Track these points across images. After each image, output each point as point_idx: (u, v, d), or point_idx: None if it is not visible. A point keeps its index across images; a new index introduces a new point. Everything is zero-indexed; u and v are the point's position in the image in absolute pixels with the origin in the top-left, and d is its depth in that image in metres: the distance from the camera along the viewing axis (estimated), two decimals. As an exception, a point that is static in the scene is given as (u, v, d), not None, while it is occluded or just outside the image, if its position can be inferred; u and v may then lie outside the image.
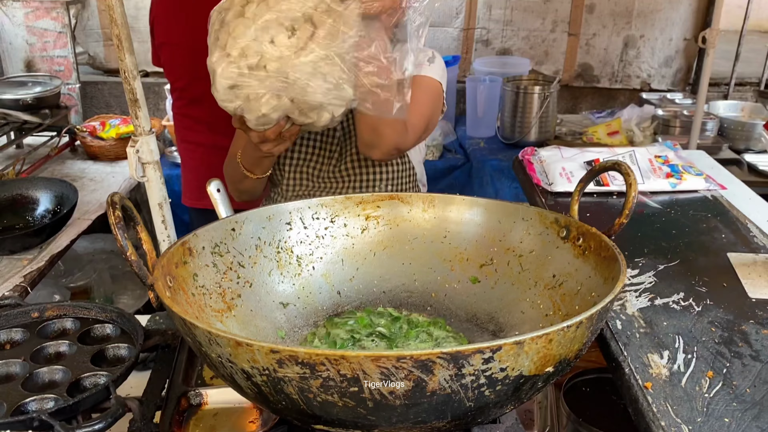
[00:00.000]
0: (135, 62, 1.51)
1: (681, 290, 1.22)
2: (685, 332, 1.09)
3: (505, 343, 0.80)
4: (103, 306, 1.32)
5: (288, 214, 1.36)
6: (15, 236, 2.49)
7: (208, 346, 0.88)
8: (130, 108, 1.52)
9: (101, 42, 4.42)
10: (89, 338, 1.27)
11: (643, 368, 1.01)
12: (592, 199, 1.61)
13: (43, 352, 1.22)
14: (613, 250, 1.08)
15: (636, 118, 3.79)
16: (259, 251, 1.31)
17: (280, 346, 0.80)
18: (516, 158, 1.81)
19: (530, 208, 1.31)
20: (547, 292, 1.23)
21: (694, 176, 1.61)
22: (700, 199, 1.59)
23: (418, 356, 0.78)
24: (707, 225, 1.46)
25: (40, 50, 3.94)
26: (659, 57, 4.43)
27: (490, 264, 1.35)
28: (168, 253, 1.10)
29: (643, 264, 1.32)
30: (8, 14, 3.87)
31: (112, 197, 0.97)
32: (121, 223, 0.95)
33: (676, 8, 4.29)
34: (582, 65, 4.45)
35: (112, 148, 3.49)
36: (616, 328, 1.11)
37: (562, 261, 1.22)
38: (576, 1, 4.26)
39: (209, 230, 1.24)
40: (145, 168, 1.58)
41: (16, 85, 3.51)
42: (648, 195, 1.58)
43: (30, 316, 1.31)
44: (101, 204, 3.04)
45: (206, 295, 1.17)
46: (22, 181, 2.79)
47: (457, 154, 3.72)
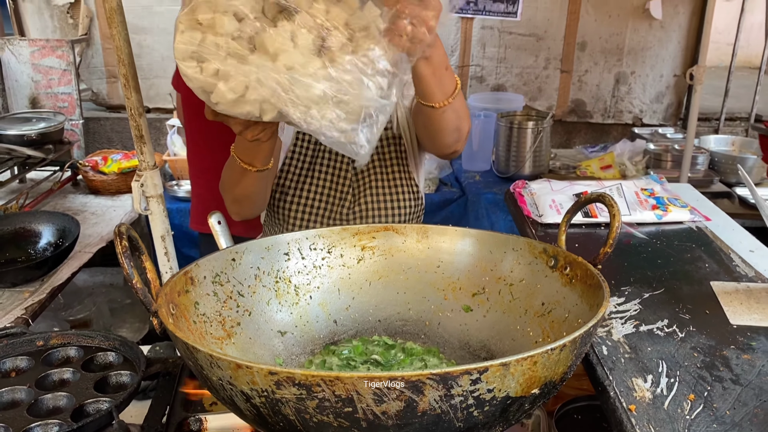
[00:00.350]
0: (141, 100, 1.58)
1: (665, 317, 1.26)
2: (668, 357, 1.13)
3: (492, 364, 0.85)
4: (106, 334, 1.36)
5: (286, 245, 1.40)
6: (17, 269, 2.53)
7: (210, 369, 0.92)
8: (136, 143, 1.58)
9: (104, 79, 4.53)
10: (92, 366, 1.31)
11: (627, 392, 1.05)
12: (581, 230, 1.66)
13: (48, 379, 1.26)
14: (598, 278, 1.12)
15: (628, 153, 3.87)
16: (258, 281, 1.35)
17: (278, 368, 0.84)
18: (507, 191, 1.86)
19: (520, 238, 1.36)
20: (536, 319, 1.27)
21: (679, 208, 1.67)
22: (685, 230, 1.65)
23: (409, 377, 0.82)
24: (691, 255, 1.51)
25: (44, 87, 4.03)
26: (650, 93, 4.53)
27: (482, 293, 1.39)
28: (171, 281, 1.15)
29: (629, 292, 1.36)
30: (15, 52, 3.97)
31: (119, 228, 1.02)
32: (128, 252, 1.00)
33: (665, 46, 4.41)
34: (575, 101, 4.55)
35: (114, 182, 3.55)
36: (602, 354, 1.15)
37: (551, 289, 1.26)
38: (568, 38, 4.38)
39: (210, 260, 1.28)
40: (149, 201, 1.63)
41: (20, 121, 3.58)
42: (635, 226, 1.64)
43: (35, 345, 1.35)
44: (102, 237, 3.09)
45: (207, 322, 1.21)
46: (25, 215, 2.84)
47: (453, 187, 3.78)
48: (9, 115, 3.75)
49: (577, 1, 4.28)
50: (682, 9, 4.30)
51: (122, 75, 1.49)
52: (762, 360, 1.12)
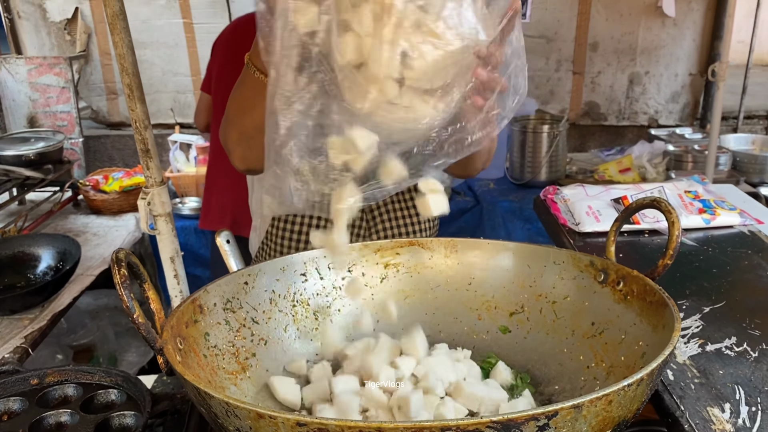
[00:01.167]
0: (146, 111, 1.45)
1: (732, 334, 1.13)
2: (745, 381, 1.00)
3: (562, 407, 0.71)
4: (108, 370, 1.23)
5: (303, 265, 1.28)
6: (16, 295, 2.42)
7: (226, 418, 0.79)
8: (142, 158, 1.46)
9: (104, 96, 4.43)
10: (93, 406, 1.18)
11: (704, 424, 0.91)
12: (623, 238, 1.53)
13: (43, 423, 1.13)
14: (661, 294, 0.99)
15: (647, 155, 3.74)
16: (274, 305, 1.23)
17: (307, 418, 0.71)
18: (537, 198, 1.74)
19: (561, 250, 1.23)
20: (586, 341, 1.14)
21: (728, 211, 1.54)
22: (737, 235, 1.51)
23: (465, 426, 0.69)
24: (749, 262, 1.38)
25: (42, 106, 3.93)
26: (665, 93, 4.41)
27: (521, 312, 1.26)
28: (178, 311, 1.02)
29: (686, 306, 1.23)
30: (11, 71, 3.87)
31: (117, 254, 0.89)
32: (127, 282, 0.87)
33: (679, 44, 4.29)
34: (588, 103, 4.43)
35: (115, 201, 3.45)
36: (668, 380, 1.02)
37: (602, 307, 1.13)
38: (579, 39, 4.27)
39: (221, 285, 1.16)
40: (157, 220, 1.51)
41: (18, 142, 3.48)
42: (683, 233, 1.51)
43: (29, 383, 1.22)
44: (105, 259, 2.97)
45: (219, 355, 1.09)
46: (23, 238, 2.73)
47: (467, 196, 3.66)
48: (6, 136, 3.65)
49: (588, 1, 4.17)
50: (696, 5, 4.18)
51: (126, 85, 1.37)
52: None
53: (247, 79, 1.26)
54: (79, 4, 4.18)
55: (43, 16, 4.22)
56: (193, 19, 4.19)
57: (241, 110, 1.31)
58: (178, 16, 4.19)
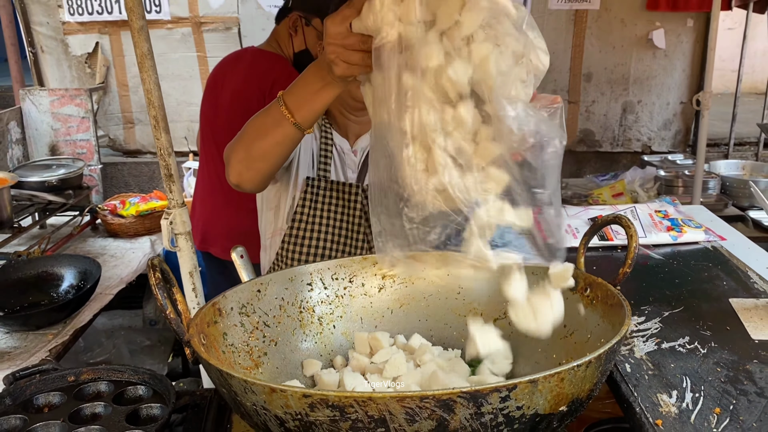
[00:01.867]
0: (170, 140, 1.63)
1: (686, 334, 1.28)
2: (692, 373, 1.15)
3: (521, 381, 0.87)
4: (136, 368, 1.38)
5: (309, 275, 1.43)
6: (41, 312, 2.57)
7: (244, 395, 0.94)
8: (165, 182, 1.63)
9: (121, 125, 4.64)
10: (123, 399, 1.33)
11: (653, 407, 1.06)
12: (598, 253, 1.68)
13: (81, 413, 1.28)
14: (619, 297, 1.14)
15: (639, 180, 3.90)
16: (283, 311, 1.38)
17: (312, 390, 0.86)
18: (523, 218, 1.89)
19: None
20: (559, 342, 1.28)
21: (694, 229, 1.69)
22: (701, 250, 1.67)
23: (440, 395, 0.84)
24: (709, 274, 1.53)
25: (64, 135, 4.13)
26: (658, 120, 4.58)
27: (503, 318, 1.40)
28: (200, 313, 1.18)
29: (648, 311, 1.38)
30: (35, 102, 4.09)
31: (152, 261, 1.06)
32: (161, 284, 1.04)
33: (670, 74, 4.47)
34: (583, 131, 4.60)
35: (132, 225, 3.61)
36: (625, 371, 1.16)
37: (572, 311, 1.27)
38: (574, 70, 4.46)
39: (237, 292, 1.31)
40: (177, 238, 1.67)
41: (41, 168, 3.67)
42: (651, 248, 1.66)
43: (66, 380, 1.37)
44: (122, 279, 3.13)
45: (235, 353, 1.24)
46: (47, 259, 2.90)
47: (466, 220, 3.80)
48: (30, 163, 3.85)
49: (581, 34, 4.37)
50: (684, 38, 4.38)
51: (152, 117, 1.55)
52: (786, 373, 1.13)
53: (272, 110, 1.39)
54: (100, 39, 4.41)
55: (65, 50, 4.45)
56: (206, 52, 4.41)
57: (255, 133, 1.44)
58: (192, 49, 4.41)
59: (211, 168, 2.81)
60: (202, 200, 2.90)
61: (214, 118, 2.76)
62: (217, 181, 2.79)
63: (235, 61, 2.77)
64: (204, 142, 2.85)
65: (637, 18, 4.33)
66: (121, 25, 4.37)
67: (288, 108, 1.36)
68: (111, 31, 4.40)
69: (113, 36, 4.40)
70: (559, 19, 4.36)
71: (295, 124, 1.36)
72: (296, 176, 1.75)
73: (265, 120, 1.42)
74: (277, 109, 1.37)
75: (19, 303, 2.67)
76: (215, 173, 2.79)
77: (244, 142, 1.46)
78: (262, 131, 1.43)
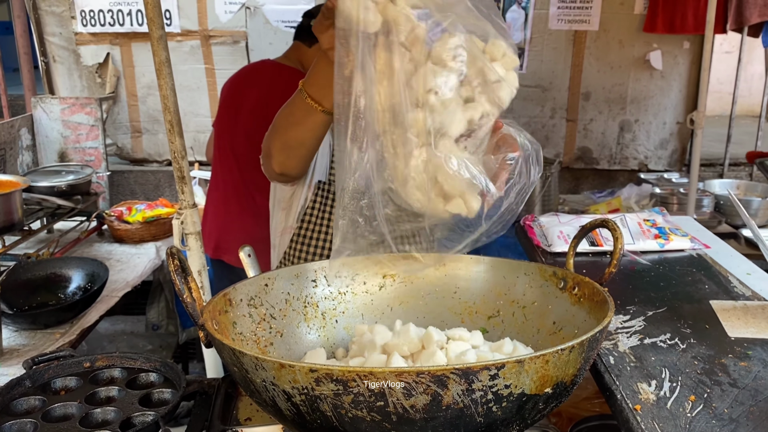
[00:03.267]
0: (184, 144, 1.72)
1: (668, 331, 1.36)
2: (671, 365, 1.22)
3: (508, 360, 0.95)
4: (148, 356, 1.46)
5: (314, 272, 1.51)
6: (49, 311, 2.65)
7: (254, 371, 1.02)
8: (178, 184, 1.71)
9: (129, 134, 4.74)
10: (136, 384, 1.41)
11: (633, 394, 1.14)
12: (588, 258, 1.77)
13: (96, 396, 1.36)
14: (604, 294, 1.22)
15: (635, 197, 3.99)
16: (289, 305, 1.46)
17: (318, 365, 0.94)
18: (518, 224, 1.98)
19: (531, 264, 1.47)
20: (548, 337, 1.36)
21: (681, 237, 1.78)
22: (686, 257, 1.75)
23: (434, 371, 0.92)
24: (692, 278, 1.61)
25: (73, 142, 4.23)
26: (654, 140, 4.68)
27: (497, 316, 1.48)
28: (213, 301, 1.26)
29: (633, 311, 1.46)
30: (46, 110, 4.19)
31: (171, 249, 1.14)
32: (179, 270, 1.12)
33: (667, 94, 4.58)
34: (581, 148, 4.70)
35: (138, 231, 3.68)
36: (609, 363, 1.24)
37: (561, 309, 1.35)
38: (572, 89, 4.57)
39: (246, 285, 1.39)
40: (187, 238, 1.76)
41: (51, 174, 3.76)
42: (638, 254, 1.74)
43: (82, 366, 1.45)
44: (128, 282, 3.21)
45: (243, 341, 1.32)
46: (56, 261, 2.98)
47: (465, 232, 3.89)
48: (40, 168, 3.94)
49: (580, 54, 4.48)
50: (681, 60, 4.49)
51: (167, 121, 1.64)
52: (758, 366, 1.21)
53: (297, 101, 1.48)
54: (111, 49, 4.53)
55: (76, 60, 4.57)
56: (214, 65, 4.52)
57: (287, 124, 1.53)
58: (201, 62, 4.52)
59: (227, 178, 2.91)
60: (216, 209, 3.00)
61: (233, 130, 2.87)
62: (233, 191, 2.89)
63: (253, 73, 2.88)
64: (221, 153, 2.95)
65: (634, 39, 4.45)
66: (132, 37, 4.48)
67: (313, 99, 1.44)
68: (122, 43, 4.52)
69: (124, 47, 4.52)
70: (558, 39, 4.47)
71: (323, 111, 1.44)
72: (311, 179, 1.84)
73: (294, 111, 1.50)
74: (302, 101, 1.45)
75: (28, 303, 2.74)
76: (231, 183, 2.89)
77: (278, 134, 1.56)
78: (294, 121, 1.51)
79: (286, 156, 1.58)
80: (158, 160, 4.81)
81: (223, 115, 2.93)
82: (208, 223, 3.02)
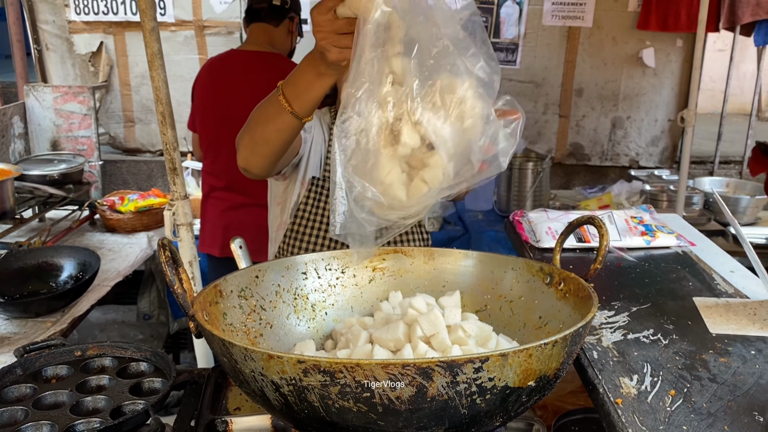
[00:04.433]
0: (176, 136, 1.73)
1: (651, 327, 1.38)
2: (653, 360, 1.25)
3: (492, 354, 0.97)
4: (139, 345, 1.48)
5: (304, 265, 1.53)
6: (41, 300, 2.65)
7: (243, 362, 1.04)
8: (169, 176, 1.72)
9: (122, 123, 4.73)
10: (126, 373, 1.42)
11: (614, 388, 1.16)
12: (575, 254, 1.79)
13: (87, 384, 1.37)
14: (588, 290, 1.24)
15: (625, 193, 4.02)
16: (279, 297, 1.47)
17: (306, 356, 0.96)
18: (507, 220, 2.00)
19: (519, 259, 1.49)
20: (534, 331, 1.38)
21: (667, 234, 1.80)
22: (672, 254, 1.78)
23: (420, 363, 0.94)
24: (677, 275, 1.64)
25: (65, 131, 4.22)
26: (646, 137, 4.71)
27: (484, 310, 1.50)
28: (203, 292, 1.28)
29: (618, 306, 1.48)
30: (38, 98, 4.18)
31: (162, 241, 1.16)
32: (170, 262, 1.13)
33: (659, 92, 4.61)
34: (573, 144, 4.73)
35: (130, 221, 3.68)
36: (592, 357, 1.27)
37: (547, 304, 1.38)
38: (565, 85, 4.59)
39: (236, 276, 1.41)
40: (179, 229, 1.77)
41: (43, 163, 3.76)
42: (625, 251, 1.77)
43: (73, 355, 1.47)
44: (119, 272, 3.22)
45: (233, 332, 1.33)
46: (47, 249, 2.98)
47: (456, 225, 3.92)
48: (32, 157, 3.93)
49: (574, 50, 4.50)
50: (674, 57, 4.51)
51: (159, 113, 1.65)
52: (737, 362, 1.24)
53: (272, 98, 1.48)
54: (104, 38, 4.51)
55: (69, 48, 4.55)
56: (208, 54, 4.51)
57: (258, 120, 1.53)
58: (195, 52, 4.52)
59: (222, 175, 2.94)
60: (215, 208, 3.01)
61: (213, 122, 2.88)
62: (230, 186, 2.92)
63: (219, 65, 2.90)
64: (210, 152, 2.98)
65: (628, 36, 4.47)
66: (125, 26, 4.47)
67: (286, 98, 1.43)
68: (116, 32, 4.50)
69: (117, 36, 4.50)
70: (552, 36, 4.49)
71: (292, 113, 1.44)
72: (304, 175, 1.86)
73: (267, 108, 1.50)
74: (277, 100, 1.45)
75: (20, 291, 2.75)
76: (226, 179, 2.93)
77: (249, 128, 1.56)
78: (264, 119, 1.51)
79: (250, 151, 1.58)
80: (151, 150, 4.81)
81: (200, 116, 2.95)
82: (209, 224, 3.04)
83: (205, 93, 2.93)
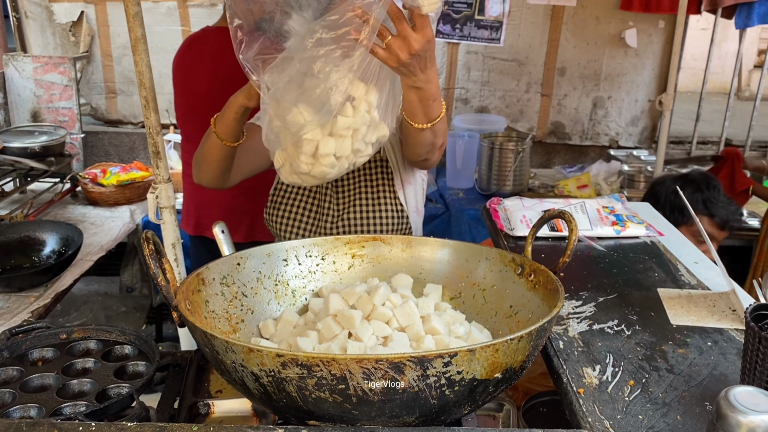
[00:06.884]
0: (159, 120, 1.75)
1: (616, 318, 1.45)
2: (615, 351, 1.32)
3: (460, 349, 1.02)
4: (123, 329, 1.52)
5: (285, 252, 1.57)
6: (24, 275, 2.68)
7: (225, 353, 1.09)
8: (152, 159, 1.75)
9: (103, 95, 4.69)
10: (111, 357, 1.47)
11: (578, 378, 1.23)
12: (547, 242, 1.85)
13: (73, 367, 1.41)
14: (556, 283, 1.30)
15: (604, 173, 4.09)
16: (260, 283, 1.52)
17: (284, 350, 1.01)
18: (484, 207, 2.05)
19: (492, 249, 1.54)
20: (505, 320, 1.45)
21: (636, 224, 1.87)
22: (641, 244, 1.84)
23: (392, 359, 1.00)
24: (643, 265, 1.70)
25: (46, 102, 4.18)
26: (626, 117, 4.77)
27: (459, 297, 1.56)
28: (186, 281, 1.32)
29: (585, 296, 1.55)
30: (18, 68, 4.13)
31: (146, 234, 1.19)
32: (154, 255, 1.17)
33: (640, 72, 4.65)
34: (554, 123, 4.77)
35: (112, 194, 3.69)
36: (558, 348, 1.33)
37: (518, 294, 1.43)
38: (548, 64, 4.61)
39: (218, 264, 1.45)
40: (162, 212, 1.80)
41: (23, 134, 3.73)
42: (595, 240, 1.83)
43: (59, 338, 1.51)
44: (102, 246, 3.24)
45: (216, 318, 1.38)
46: (29, 224, 2.99)
47: (438, 203, 3.98)
48: (12, 129, 3.90)
49: (557, 29, 4.52)
50: (655, 38, 4.55)
51: (143, 97, 1.67)
52: (694, 354, 1.31)
53: (211, 137, 1.71)
54: (85, 8, 4.45)
55: (49, 17, 4.48)
56: (191, 26, 4.47)
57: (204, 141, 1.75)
58: (177, 23, 4.47)
59: None
60: (192, 187, 3.01)
61: (193, 104, 2.87)
62: None
63: (198, 44, 2.87)
64: (186, 130, 2.97)
65: (611, 17, 4.49)
66: (106, -4, 4.41)
67: (219, 136, 1.68)
68: (96, 1, 4.43)
69: (99, 6, 4.44)
70: (536, 14, 4.50)
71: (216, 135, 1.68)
72: None
73: (206, 136, 1.74)
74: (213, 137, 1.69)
75: (2, 266, 2.77)
76: None
77: (198, 148, 1.78)
78: (203, 140, 1.75)
79: (198, 168, 1.81)
80: (133, 122, 4.78)
81: (181, 92, 2.94)
82: (185, 202, 3.05)
83: (182, 80, 2.91)
